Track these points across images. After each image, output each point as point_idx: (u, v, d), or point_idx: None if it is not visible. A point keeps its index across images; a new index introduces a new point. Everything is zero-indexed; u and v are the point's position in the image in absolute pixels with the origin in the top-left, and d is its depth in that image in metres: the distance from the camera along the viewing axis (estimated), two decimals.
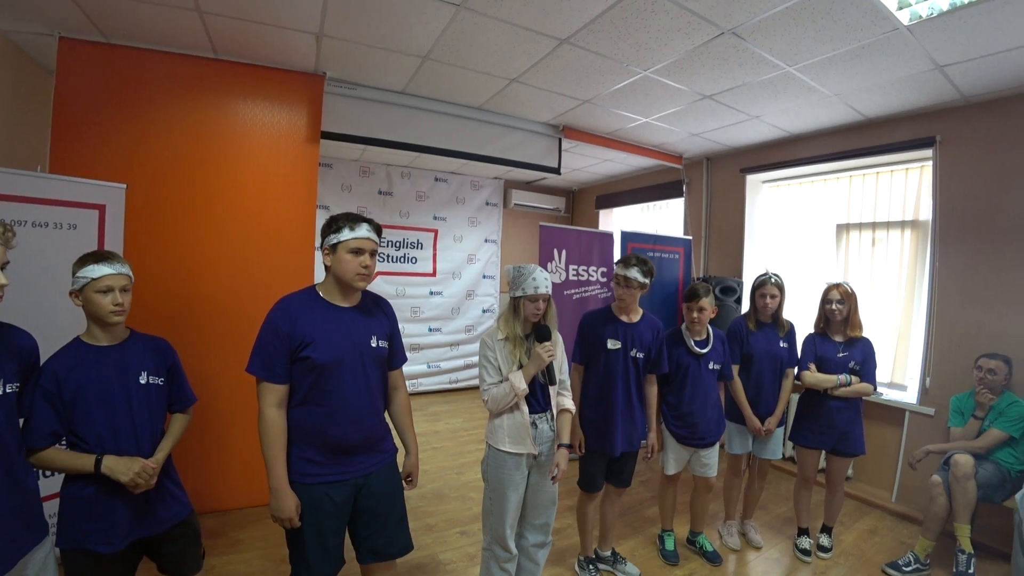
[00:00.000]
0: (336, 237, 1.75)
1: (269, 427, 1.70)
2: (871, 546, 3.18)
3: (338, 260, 1.76)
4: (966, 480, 2.73)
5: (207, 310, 3.14)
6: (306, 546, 1.73)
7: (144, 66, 3.02)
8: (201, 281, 3.13)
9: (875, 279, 4.23)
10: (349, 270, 1.76)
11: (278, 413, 1.71)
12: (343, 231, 1.75)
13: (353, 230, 1.76)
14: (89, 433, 1.65)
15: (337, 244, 1.75)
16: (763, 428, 2.98)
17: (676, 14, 2.55)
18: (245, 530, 3.04)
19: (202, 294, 3.13)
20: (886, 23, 2.52)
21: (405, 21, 2.75)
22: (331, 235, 1.76)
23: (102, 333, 1.74)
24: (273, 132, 3.35)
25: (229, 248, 3.21)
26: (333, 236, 1.76)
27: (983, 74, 3.00)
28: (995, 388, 3.00)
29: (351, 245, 1.75)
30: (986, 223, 3.38)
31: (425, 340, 6.33)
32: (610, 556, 2.82)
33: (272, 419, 1.70)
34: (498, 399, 2.09)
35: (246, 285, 3.22)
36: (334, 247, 1.76)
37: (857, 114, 3.84)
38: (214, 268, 3.17)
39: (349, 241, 1.75)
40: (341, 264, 1.76)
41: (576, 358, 2.60)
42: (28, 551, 1.50)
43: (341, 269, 1.76)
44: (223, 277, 3.19)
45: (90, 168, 2.76)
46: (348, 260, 1.76)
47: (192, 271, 3.11)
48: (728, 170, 5.20)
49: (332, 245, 1.76)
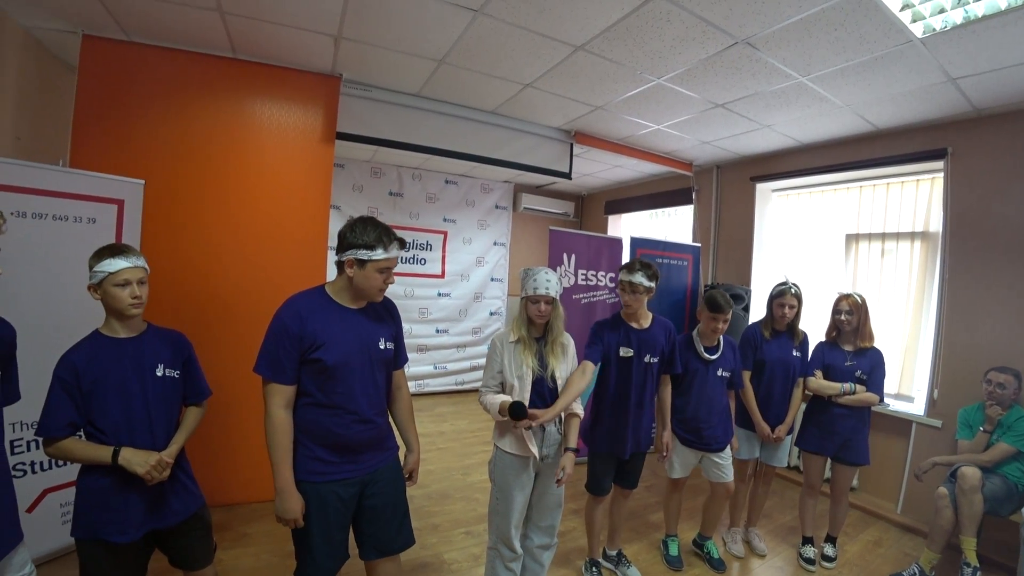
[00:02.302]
0: (368, 254, 1.70)
1: (276, 428, 1.70)
2: (875, 557, 3.17)
3: (366, 276, 1.74)
4: (973, 493, 2.72)
5: (220, 306, 3.18)
6: (312, 541, 1.75)
7: (164, 64, 3.07)
8: (214, 277, 3.17)
9: (884, 290, 4.22)
10: (374, 286, 1.77)
11: (285, 414, 1.72)
12: (376, 250, 1.71)
13: (388, 250, 1.74)
14: (106, 424, 1.67)
15: (367, 261, 1.71)
16: (773, 435, 2.99)
17: (691, 23, 2.57)
18: (252, 524, 3.07)
19: (215, 290, 3.17)
20: (899, 35, 2.54)
21: (422, 25, 2.78)
22: (362, 250, 1.70)
23: (120, 326, 1.77)
24: (289, 132, 3.39)
25: (243, 245, 3.25)
26: (364, 252, 1.70)
27: (995, 87, 3.01)
28: (1004, 402, 2.99)
29: (382, 265, 1.74)
30: (996, 236, 3.38)
31: (432, 341, 6.33)
32: (616, 556, 2.83)
33: (279, 420, 1.70)
34: (486, 409, 2.16)
35: (258, 282, 3.25)
36: (363, 262, 1.72)
37: (868, 125, 3.85)
38: (227, 265, 3.20)
39: (381, 261, 1.73)
40: (368, 280, 1.75)
41: (591, 358, 2.47)
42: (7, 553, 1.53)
43: (367, 284, 1.75)
44: (236, 274, 3.22)
45: (109, 163, 2.81)
46: (376, 278, 1.75)
47: (206, 267, 3.15)
48: (738, 178, 5.20)
49: (361, 260, 1.72)
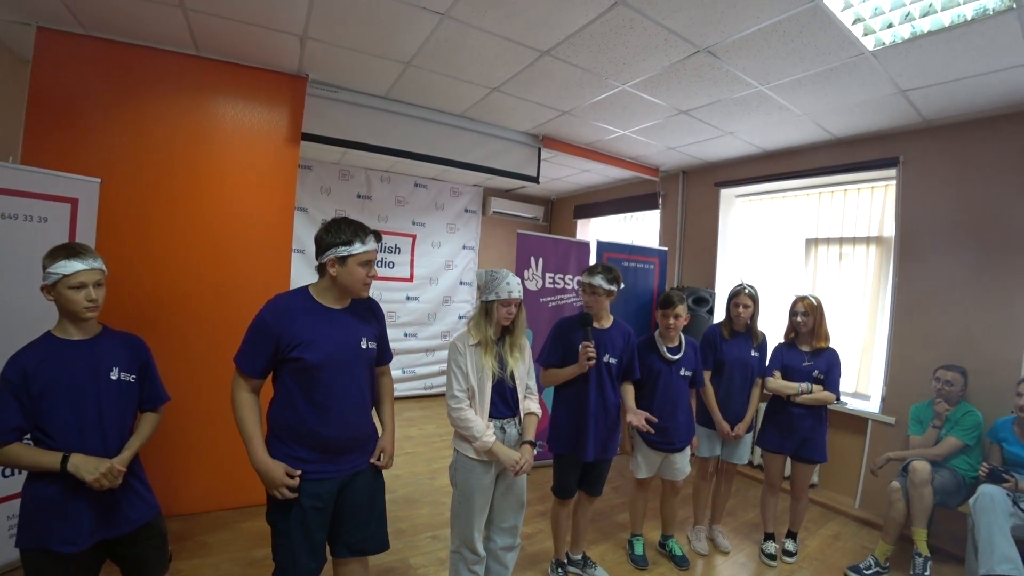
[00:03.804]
0: (347, 249, 1.74)
1: (242, 404, 1.73)
2: (834, 551, 3.27)
3: (348, 272, 1.76)
4: (923, 486, 2.84)
5: (179, 309, 3.09)
6: (293, 541, 1.73)
7: (123, 60, 2.98)
8: (174, 279, 3.08)
9: (842, 292, 4.37)
10: (358, 280, 1.79)
11: (249, 394, 1.75)
12: (354, 244, 1.75)
13: (365, 243, 1.77)
14: (56, 429, 1.61)
15: (348, 257, 1.74)
16: (732, 433, 3.05)
17: (654, 31, 2.63)
18: (213, 534, 2.98)
19: (174, 293, 3.09)
20: (852, 48, 2.64)
21: (390, 27, 2.78)
22: (340, 247, 1.73)
23: (74, 328, 1.72)
24: (253, 132, 3.33)
25: (204, 247, 3.17)
26: (343, 248, 1.73)
27: (942, 99, 3.15)
28: (951, 398, 3.14)
29: (362, 258, 1.77)
30: (943, 241, 3.54)
31: (401, 345, 6.29)
32: (581, 560, 2.85)
33: (243, 398, 1.74)
34: (459, 425, 2.13)
35: (220, 285, 3.18)
36: (343, 259, 1.74)
37: (826, 133, 3.99)
38: (188, 266, 3.12)
39: (361, 255, 1.76)
40: (351, 275, 1.77)
41: (550, 361, 2.59)
42: None
43: (350, 280, 1.78)
44: (197, 276, 3.14)
45: (64, 161, 2.72)
46: (359, 272, 1.78)
47: (165, 269, 3.06)
48: (703, 184, 5.33)
49: (342, 257, 1.74)
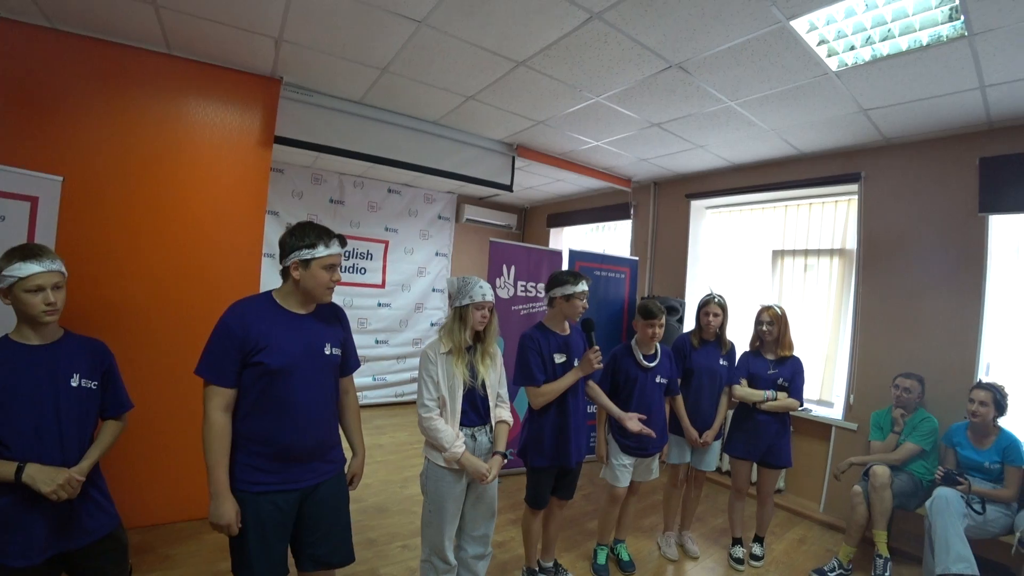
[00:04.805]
0: (311, 253, 1.74)
1: (214, 431, 1.65)
2: (800, 554, 3.35)
3: (312, 275, 1.76)
4: (883, 489, 2.93)
5: (145, 313, 3.00)
6: (251, 555, 1.68)
7: (90, 55, 2.90)
8: (139, 282, 3.00)
9: (806, 302, 4.50)
10: (321, 284, 1.78)
11: (224, 417, 1.67)
12: (318, 247, 1.75)
13: (328, 247, 1.77)
14: (11, 437, 1.56)
15: (311, 260, 1.74)
16: (700, 440, 3.10)
17: (627, 46, 2.69)
18: (175, 546, 2.89)
19: (140, 296, 3.00)
20: (817, 68, 2.75)
21: (366, 33, 2.78)
22: (304, 250, 1.73)
23: (32, 332, 1.67)
24: (225, 133, 3.27)
25: (171, 249, 3.09)
26: (307, 251, 1.73)
27: (901, 118, 3.30)
28: (910, 405, 3.26)
29: (326, 262, 1.77)
30: (902, 253, 3.69)
31: (372, 352, 6.22)
32: (552, 567, 2.85)
33: (217, 423, 1.65)
34: (428, 435, 2.13)
35: (187, 289, 3.10)
36: (307, 262, 1.74)
37: (792, 148, 4.12)
38: (154, 269, 3.04)
39: (325, 258, 1.76)
40: (315, 279, 1.76)
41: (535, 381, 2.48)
42: None
43: (313, 283, 1.77)
44: (163, 279, 3.06)
45: (23, 157, 2.61)
46: (322, 275, 1.77)
47: (131, 271, 2.97)
48: (674, 195, 5.44)
49: (305, 260, 1.74)
